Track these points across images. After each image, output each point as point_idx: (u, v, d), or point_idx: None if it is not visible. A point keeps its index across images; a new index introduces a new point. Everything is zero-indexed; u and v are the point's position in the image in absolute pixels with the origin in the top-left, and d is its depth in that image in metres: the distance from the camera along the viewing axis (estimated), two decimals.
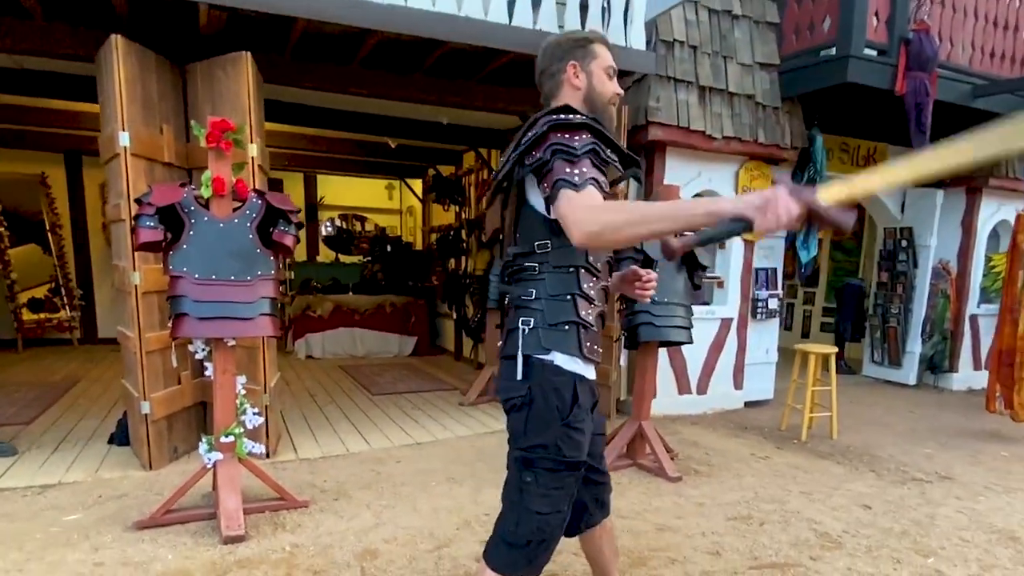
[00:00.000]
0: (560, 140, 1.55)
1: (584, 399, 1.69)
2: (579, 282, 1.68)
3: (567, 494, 1.70)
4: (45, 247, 8.05)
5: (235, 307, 2.96)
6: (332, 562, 2.72)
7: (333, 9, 3.69)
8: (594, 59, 1.74)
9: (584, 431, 1.69)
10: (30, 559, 2.70)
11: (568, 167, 1.52)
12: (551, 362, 1.65)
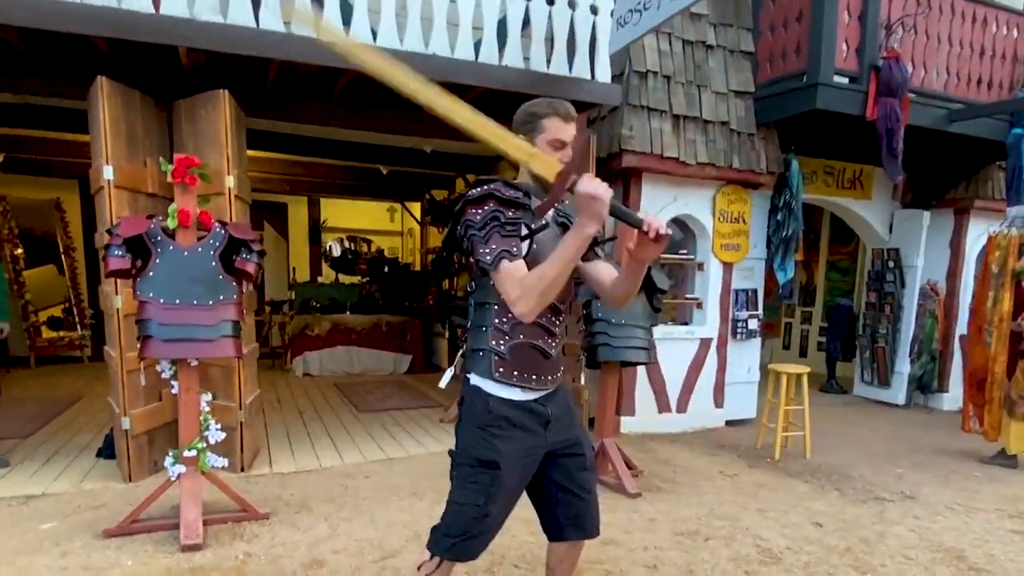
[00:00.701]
0: (469, 217, 1.81)
1: (506, 413, 1.91)
2: (491, 317, 1.91)
3: (482, 490, 1.90)
4: (60, 268, 8.44)
5: (198, 330, 3.18)
6: (279, 571, 2.90)
7: (298, 50, 3.91)
8: (541, 133, 1.92)
9: (501, 439, 1.89)
10: (1, 562, 2.91)
11: (481, 247, 1.77)
12: (469, 381, 1.96)
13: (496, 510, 1.93)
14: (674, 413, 5.91)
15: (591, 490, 2.10)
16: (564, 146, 1.92)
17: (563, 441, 2.03)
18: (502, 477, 1.88)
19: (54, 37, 3.59)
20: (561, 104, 1.94)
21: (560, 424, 2.02)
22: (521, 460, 1.94)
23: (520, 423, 1.93)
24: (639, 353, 4.14)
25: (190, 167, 3.21)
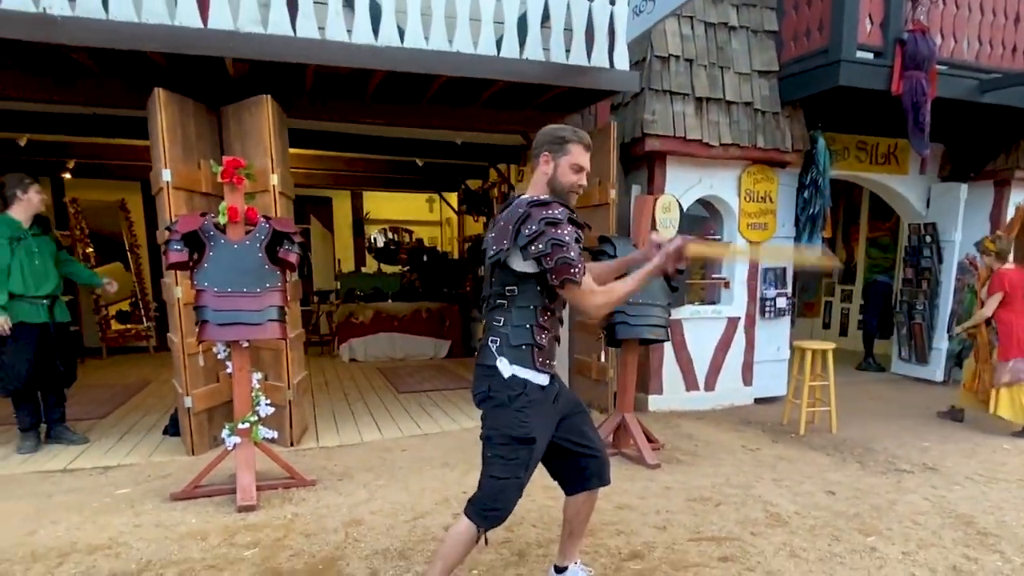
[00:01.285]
0: (555, 236, 2.06)
1: (537, 396, 2.20)
2: (536, 317, 2.21)
3: (522, 464, 2.20)
4: (126, 265, 9.10)
5: (247, 315, 3.54)
6: (322, 528, 3.25)
7: (332, 54, 4.22)
8: (566, 155, 2.20)
9: (533, 418, 2.18)
10: (86, 521, 3.35)
11: (570, 268, 2.07)
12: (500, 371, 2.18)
13: (525, 480, 2.25)
14: (702, 391, 6.06)
15: (597, 445, 2.44)
16: (582, 170, 2.24)
17: (567, 406, 2.37)
18: (537, 449, 2.22)
19: (118, 55, 4.01)
20: (585, 135, 2.24)
21: (563, 394, 2.36)
22: (547, 433, 2.28)
23: (545, 402, 2.24)
24: (657, 331, 4.34)
25: (237, 168, 3.55)
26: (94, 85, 4.50)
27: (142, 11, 3.77)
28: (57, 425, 4.79)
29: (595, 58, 4.94)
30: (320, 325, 9.56)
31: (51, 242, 4.72)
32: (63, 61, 4.14)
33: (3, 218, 4.45)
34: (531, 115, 5.58)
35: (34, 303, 4.48)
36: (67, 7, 3.63)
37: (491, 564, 2.92)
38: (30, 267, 4.44)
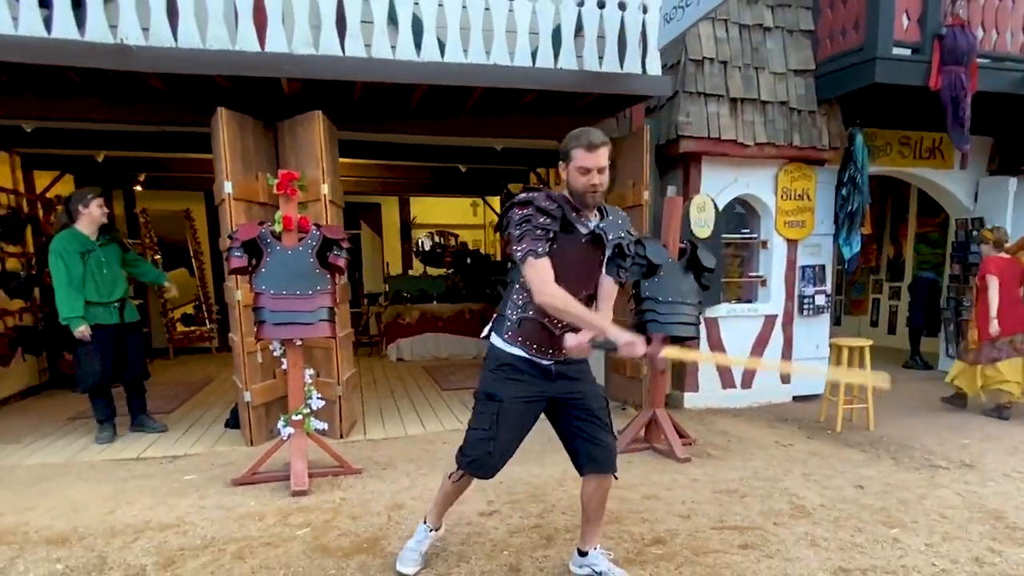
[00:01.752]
0: (511, 215, 2.39)
1: (510, 362, 2.51)
2: (513, 295, 2.53)
3: (488, 418, 2.50)
4: (191, 270, 9.69)
5: (300, 315, 3.86)
6: (368, 511, 3.54)
7: (377, 71, 4.52)
8: (571, 161, 2.38)
9: (503, 381, 2.51)
10: (157, 503, 3.73)
11: (515, 243, 2.33)
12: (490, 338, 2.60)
13: (502, 437, 2.51)
14: (739, 389, 6.14)
15: (598, 435, 2.57)
16: (589, 171, 2.35)
17: (568, 392, 2.56)
18: (505, 409, 2.49)
19: (185, 78, 4.40)
20: (588, 137, 2.35)
21: (567, 380, 2.56)
22: (521, 400, 2.52)
23: (523, 371, 2.51)
24: (687, 328, 4.46)
25: (291, 180, 3.88)
26: (163, 106, 4.92)
27: (207, 38, 4.14)
28: (140, 414, 5.29)
29: (628, 64, 5.11)
30: (370, 326, 9.96)
31: (117, 248, 5.11)
32: (137, 85, 4.55)
33: (72, 232, 4.82)
34: (567, 120, 5.76)
35: (107, 307, 4.92)
36: (141, 38, 4.03)
37: (521, 546, 3.14)
38: (100, 276, 4.88)
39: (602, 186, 2.38)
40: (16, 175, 6.72)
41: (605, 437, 2.59)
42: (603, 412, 2.62)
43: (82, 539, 3.27)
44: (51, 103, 4.73)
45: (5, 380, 6.33)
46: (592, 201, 2.42)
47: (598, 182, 2.36)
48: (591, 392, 2.62)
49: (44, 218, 7.07)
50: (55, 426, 5.55)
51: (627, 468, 4.24)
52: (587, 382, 2.63)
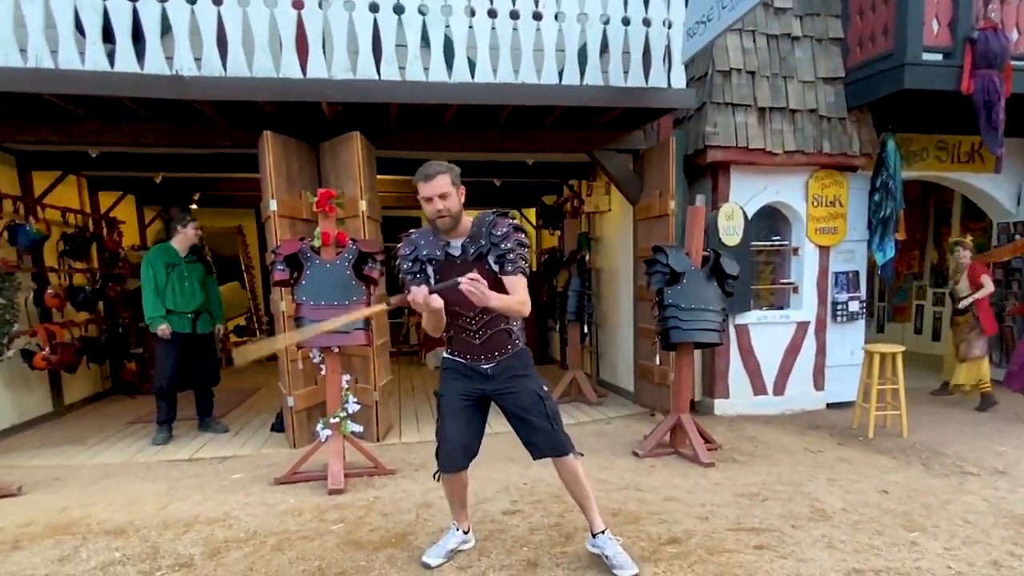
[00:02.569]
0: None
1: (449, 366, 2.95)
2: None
3: (439, 410, 2.97)
4: (243, 283, 10.18)
5: None
6: (398, 508, 3.76)
7: (412, 93, 4.77)
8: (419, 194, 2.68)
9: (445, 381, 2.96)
10: (206, 499, 4.03)
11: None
12: None
13: (450, 428, 2.89)
14: (770, 396, 6.15)
15: (532, 425, 2.86)
16: (430, 200, 2.65)
17: (502, 388, 2.88)
18: (446, 402, 2.92)
19: (234, 104, 4.75)
20: (423, 170, 2.66)
21: (500, 379, 2.87)
22: (460, 395, 2.90)
23: (460, 373, 2.91)
24: (710, 335, 4.56)
25: (329, 198, 4.15)
26: (214, 130, 5.28)
27: (254, 66, 4.47)
28: (206, 416, 5.79)
29: (653, 79, 5.22)
30: (410, 335, 10.25)
31: (201, 268, 5.70)
32: (190, 111, 4.91)
33: (165, 246, 5.50)
34: (595, 134, 5.93)
35: (181, 317, 5.41)
36: (194, 68, 4.38)
37: (540, 543, 3.29)
38: (180, 288, 5.42)
39: (447, 211, 2.66)
40: (82, 196, 7.26)
41: (539, 426, 2.86)
42: (535, 406, 2.87)
43: (138, 531, 3.57)
44: (113, 130, 5.14)
45: (71, 387, 6.82)
46: (443, 226, 2.71)
47: (441, 207, 2.65)
48: (523, 389, 2.88)
49: (108, 236, 7.59)
50: (115, 430, 5.97)
51: (651, 472, 4.35)
52: (523, 380, 2.89)
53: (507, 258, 2.71)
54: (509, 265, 2.71)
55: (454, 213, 2.67)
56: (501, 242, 2.70)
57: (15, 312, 5.55)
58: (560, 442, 2.88)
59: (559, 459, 2.91)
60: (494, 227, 2.73)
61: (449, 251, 2.78)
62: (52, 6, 4.19)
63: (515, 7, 4.85)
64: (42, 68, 4.22)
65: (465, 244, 2.76)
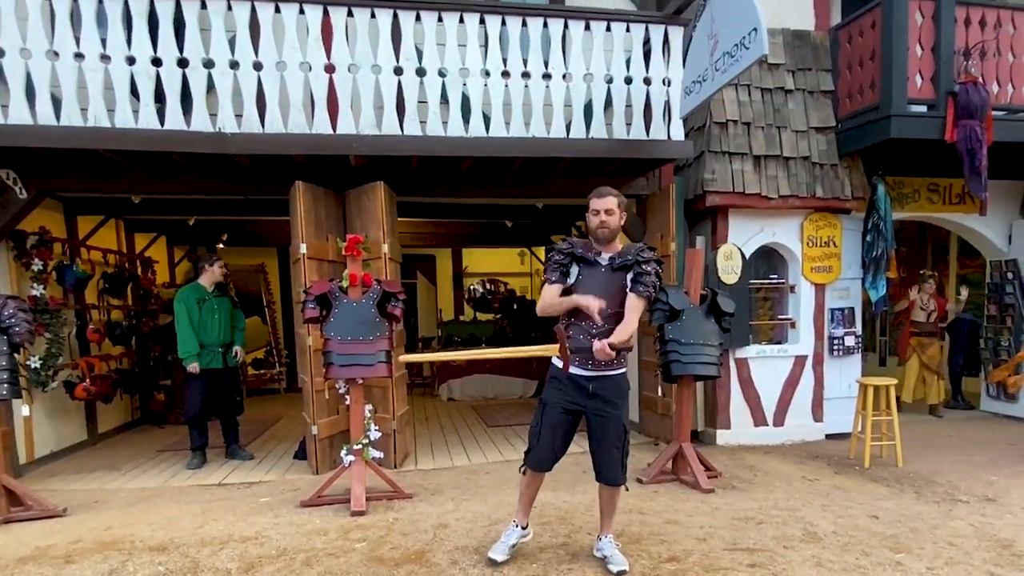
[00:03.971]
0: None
1: (556, 375, 3.30)
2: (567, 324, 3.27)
3: (538, 415, 3.33)
4: (263, 318, 10.59)
5: (362, 358, 4.48)
6: (416, 528, 4.05)
7: (432, 146, 5.20)
8: (588, 209, 3.30)
9: (550, 389, 3.32)
10: (237, 520, 4.34)
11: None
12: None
13: (546, 437, 3.27)
14: (770, 427, 6.41)
15: (607, 452, 3.24)
16: (597, 213, 3.24)
17: (597, 410, 3.24)
18: (548, 411, 3.28)
19: (269, 157, 5.20)
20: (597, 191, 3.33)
21: (599, 400, 3.23)
22: (559, 405, 3.27)
23: (563, 383, 3.26)
24: (709, 368, 4.87)
25: (357, 243, 4.56)
26: (249, 178, 5.74)
27: (289, 123, 4.93)
28: (233, 444, 6.15)
29: (653, 131, 5.63)
30: (423, 368, 10.60)
31: (228, 302, 6.16)
32: (229, 163, 5.37)
33: (195, 285, 5.98)
34: (601, 181, 6.26)
35: (210, 350, 5.81)
36: (235, 126, 4.84)
37: (548, 560, 3.57)
38: (210, 322, 5.86)
39: (608, 225, 3.22)
40: (120, 238, 7.74)
41: (613, 457, 3.26)
42: (618, 438, 3.26)
43: (178, 547, 3.88)
44: (156, 179, 5.60)
45: (104, 416, 7.19)
46: (602, 236, 3.25)
47: (605, 219, 3.23)
48: (614, 419, 3.24)
49: (143, 274, 8.06)
50: (147, 457, 6.32)
51: (653, 497, 4.63)
52: (617, 409, 3.25)
53: (642, 279, 3.18)
54: (640, 286, 3.17)
55: (613, 228, 3.24)
56: (644, 264, 3.20)
57: (60, 346, 6.00)
58: (620, 476, 3.33)
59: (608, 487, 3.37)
60: (642, 252, 3.25)
61: (598, 259, 3.26)
62: (112, 73, 4.69)
63: (527, 68, 5.31)
64: (100, 127, 4.70)
65: (613, 257, 3.26)
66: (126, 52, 4.70)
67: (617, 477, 3.30)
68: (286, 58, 4.89)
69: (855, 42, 6.37)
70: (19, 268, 5.76)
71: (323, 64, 4.95)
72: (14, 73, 4.61)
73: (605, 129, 5.58)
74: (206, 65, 4.80)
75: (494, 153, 5.37)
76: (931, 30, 5.92)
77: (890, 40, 5.82)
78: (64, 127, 4.65)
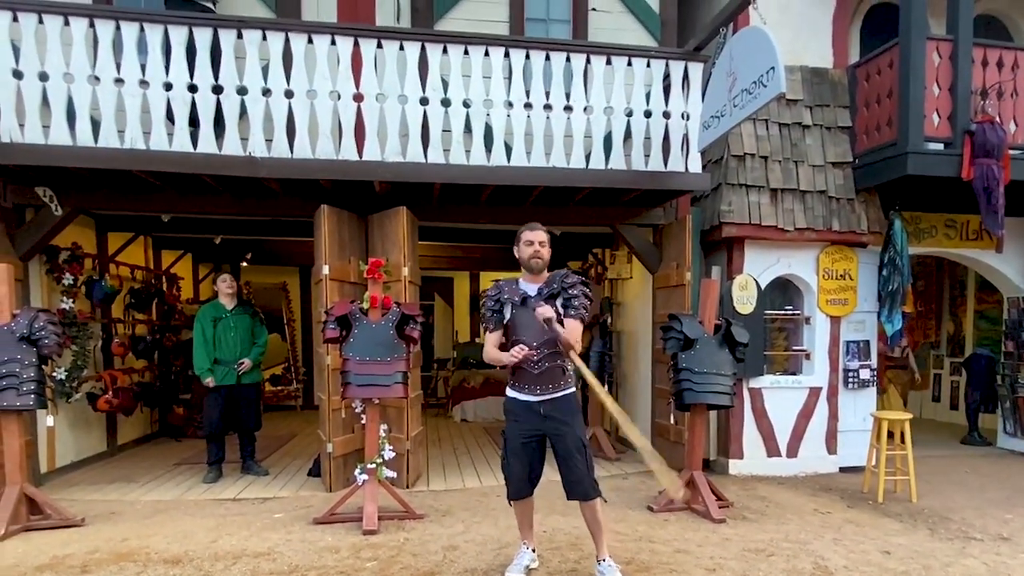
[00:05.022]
0: None
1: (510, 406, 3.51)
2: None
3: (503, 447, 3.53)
4: (283, 336, 10.76)
5: (379, 378, 4.58)
6: (426, 550, 4.10)
7: (454, 174, 5.36)
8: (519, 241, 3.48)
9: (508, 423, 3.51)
10: (252, 535, 4.41)
11: None
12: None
13: (514, 466, 3.46)
14: (783, 458, 6.39)
15: (572, 466, 3.36)
16: (531, 244, 3.42)
17: (553, 430, 3.41)
18: (510, 443, 3.49)
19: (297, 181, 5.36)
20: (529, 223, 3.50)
21: (553, 422, 3.40)
22: (518, 436, 3.45)
23: (519, 414, 3.46)
24: (721, 397, 4.91)
25: (378, 267, 4.68)
26: (276, 201, 5.91)
27: (317, 149, 5.09)
28: (248, 459, 6.24)
29: (671, 163, 5.74)
30: (438, 388, 10.68)
31: (247, 319, 6.23)
32: (257, 185, 5.54)
33: (213, 303, 6.15)
34: (618, 211, 6.44)
35: (226, 366, 5.92)
36: (266, 151, 5.02)
37: None
38: (226, 339, 5.99)
39: (540, 256, 3.42)
40: (148, 254, 7.96)
41: (577, 470, 3.37)
42: (578, 451, 3.38)
43: (191, 561, 3.95)
44: (186, 199, 5.79)
45: (124, 428, 7.34)
46: (535, 266, 3.44)
47: (539, 250, 3.42)
48: (570, 434, 3.39)
49: (168, 291, 8.26)
50: (164, 470, 6.43)
51: (663, 525, 4.64)
52: (570, 426, 3.41)
53: (571, 303, 3.36)
54: (572, 309, 3.36)
55: (545, 259, 3.46)
56: (570, 288, 3.38)
57: (86, 358, 6.16)
58: (590, 488, 3.42)
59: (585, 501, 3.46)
60: (566, 278, 3.43)
61: (527, 295, 3.43)
62: (149, 98, 4.90)
63: (548, 100, 5.45)
64: (136, 149, 4.89)
65: (541, 288, 3.44)
66: (164, 78, 4.92)
67: (587, 491, 3.39)
68: (316, 87, 5.08)
69: (873, 80, 6.47)
70: (50, 282, 5.96)
71: (352, 93, 5.14)
72: (57, 96, 4.83)
73: (624, 160, 5.69)
74: (239, 92, 5.00)
75: (515, 182, 5.50)
76: (948, 70, 6.00)
77: (907, 79, 5.90)
78: (103, 148, 4.85)
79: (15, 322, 4.52)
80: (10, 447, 4.48)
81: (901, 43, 5.94)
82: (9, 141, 4.77)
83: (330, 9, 5.97)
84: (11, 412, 4.47)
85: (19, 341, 4.48)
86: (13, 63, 4.75)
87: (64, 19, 4.79)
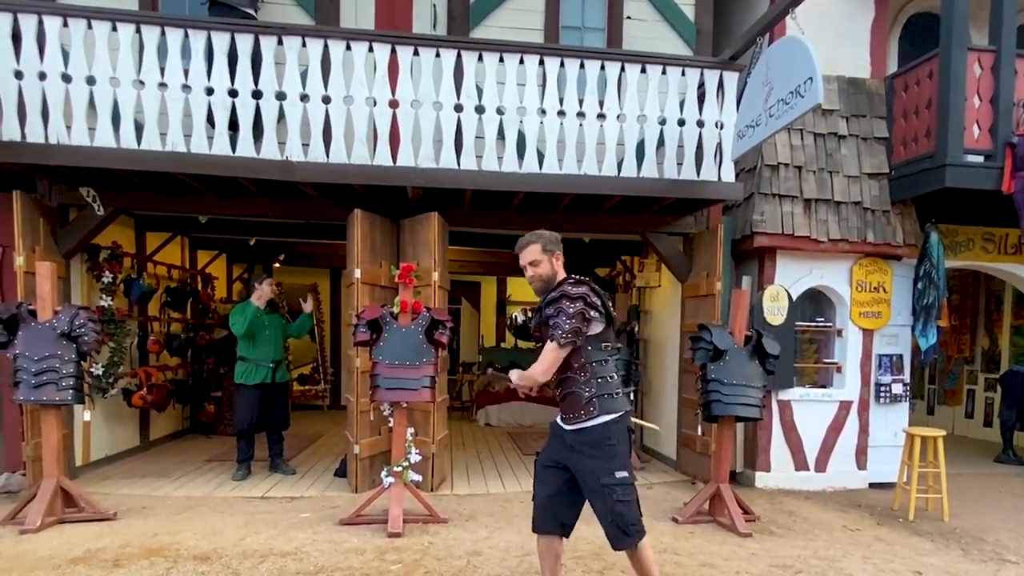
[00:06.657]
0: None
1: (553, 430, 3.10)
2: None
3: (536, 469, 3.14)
4: (312, 337, 10.89)
5: (407, 382, 4.62)
6: (450, 554, 4.13)
7: (486, 181, 5.39)
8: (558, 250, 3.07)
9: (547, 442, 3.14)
10: (279, 535, 4.49)
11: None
12: None
13: (536, 489, 3.08)
14: (812, 472, 6.30)
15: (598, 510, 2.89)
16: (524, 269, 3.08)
17: (574, 464, 2.94)
18: (538, 463, 3.14)
19: (331, 185, 5.45)
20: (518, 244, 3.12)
21: (576, 455, 2.92)
22: (548, 459, 3.09)
23: (553, 434, 3.10)
24: (751, 410, 4.86)
25: (409, 272, 4.74)
26: (311, 204, 6.02)
27: (352, 155, 5.17)
28: (277, 458, 6.34)
29: (704, 172, 5.69)
30: (463, 392, 10.73)
31: (279, 319, 6.40)
32: (293, 189, 5.65)
33: (246, 303, 6.19)
34: (648, 218, 6.42)
35: (260, 366, 6.03)
36: (302, 155, 5.11)
37: None
38: (261, 337, 6.11)
39: (537, 277, 3.02)
40: (184, 254, 8.14)
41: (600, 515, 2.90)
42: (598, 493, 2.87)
43: (220, 558, 4.03)
44: (224, 201, 5.92)
45: (156, 424, 7.50)
46: (536, 289, 3.06)
47: (532, 274, 3.05)
48: (588, 472, 2.89)
49: (203, 290, 8.43)
50: (195, 466, 6.56)
51: (688, 538, 4.61)
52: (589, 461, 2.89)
53: (549, 324, 2.86)
54: (548, 330, 2.87)
55: (545, 278, 2.99)
56: (546, 308, 2.92)
57: (122, 355, 6.31)
58: (620, 538, 2.89)
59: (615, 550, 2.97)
60: (551, 294, 2.94)
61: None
62: (191, 102, 5.02)
63: (582, 108, 5.46)
64: (177, 151, 5.02)
65: (541, 307, 2.99)
66: (206, 83, 5.03)
67: (617, 539, 2.88)
68: (353, 93, 5.15)
69: (911, 91, 6.36)
70: (90, 280, 6.13)
71: (387, 99, 5.21)
72: (103, 99, 4.97)
73: (656, 168, 5.67)
74: (278, 97, 5.10)
75: (546, 189, 5.52)
76: (990, 81, 5.88)
77: (947, 90, 5.78)
78: (146, 151, 4.98)
79: (56, 319, 4.65)
80: (48, 440, 4.60)
81: (941, 53, 5.84)
82: (56, 143, 4.92)
83: (368, 17, 6.07)
84: (50, 406, 4.59)
85: (60, 337, 4.61)
86: (63, 67, 4.89)
87: (112, 25, 4.93)
